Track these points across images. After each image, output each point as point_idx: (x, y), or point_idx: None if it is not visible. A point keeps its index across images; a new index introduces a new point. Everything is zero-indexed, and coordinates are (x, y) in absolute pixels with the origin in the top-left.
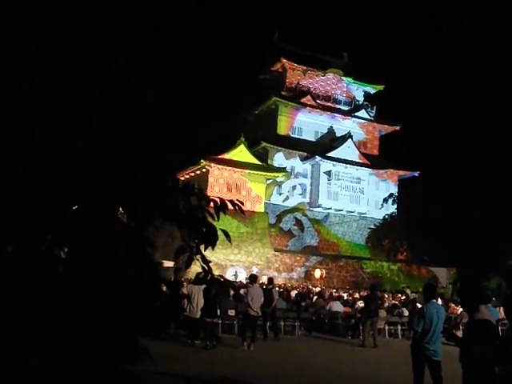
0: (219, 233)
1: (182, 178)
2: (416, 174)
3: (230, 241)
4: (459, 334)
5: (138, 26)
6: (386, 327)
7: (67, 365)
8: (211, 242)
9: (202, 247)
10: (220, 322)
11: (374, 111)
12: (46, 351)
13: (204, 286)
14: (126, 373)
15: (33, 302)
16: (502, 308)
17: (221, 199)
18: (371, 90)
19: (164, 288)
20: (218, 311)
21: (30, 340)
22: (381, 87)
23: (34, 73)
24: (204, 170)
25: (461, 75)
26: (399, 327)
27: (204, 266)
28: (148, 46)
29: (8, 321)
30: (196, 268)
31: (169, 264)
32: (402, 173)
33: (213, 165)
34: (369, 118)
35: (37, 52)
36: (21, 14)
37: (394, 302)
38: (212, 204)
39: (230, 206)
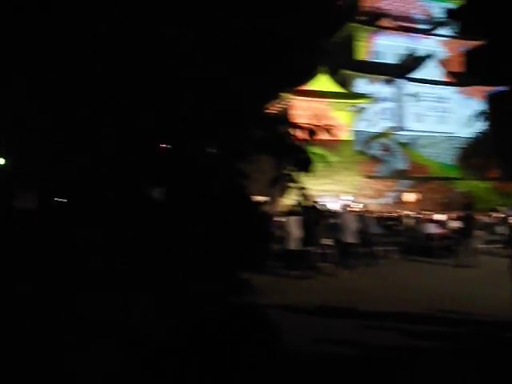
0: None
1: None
2: (505, 88)
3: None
4: None
5: None
6: (482, 246)
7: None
8: (306, 167)
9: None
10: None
11: (455, 27)
12: (160, 289)
13: (297, 217)
14: (236, 305)
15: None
16: None
17: (309, 126)
18: (451, 5)
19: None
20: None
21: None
22: (462, 1)
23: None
24: (287, 102)
25: None
26: (495, 246)
27: (302, 192)
28: None
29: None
30: (287, 201)
31: (259, 199)
32: (489, 88)
33: (295, 97)
34: (450, 34)
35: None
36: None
37: (488, 220)
38: (299, 132)
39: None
